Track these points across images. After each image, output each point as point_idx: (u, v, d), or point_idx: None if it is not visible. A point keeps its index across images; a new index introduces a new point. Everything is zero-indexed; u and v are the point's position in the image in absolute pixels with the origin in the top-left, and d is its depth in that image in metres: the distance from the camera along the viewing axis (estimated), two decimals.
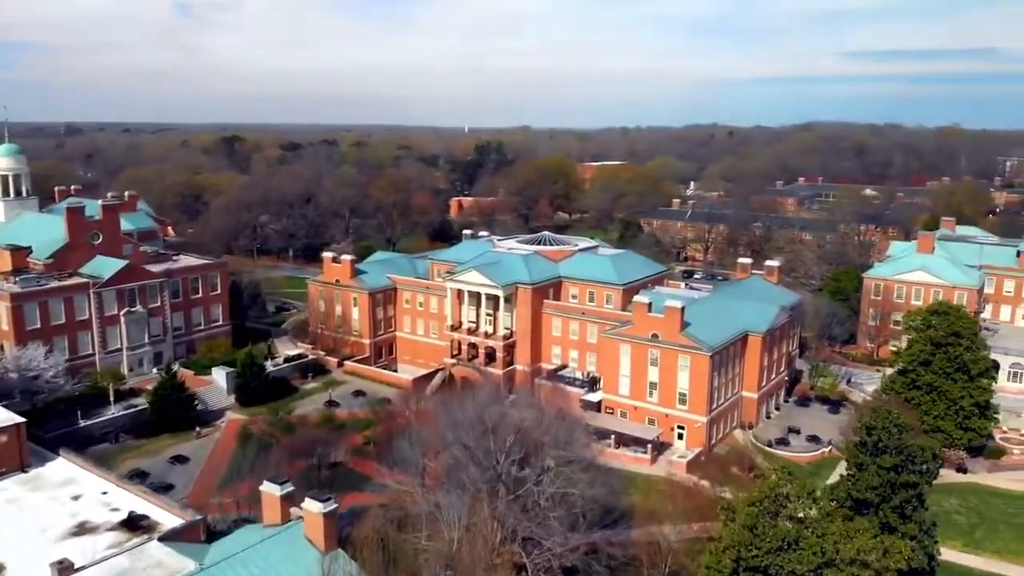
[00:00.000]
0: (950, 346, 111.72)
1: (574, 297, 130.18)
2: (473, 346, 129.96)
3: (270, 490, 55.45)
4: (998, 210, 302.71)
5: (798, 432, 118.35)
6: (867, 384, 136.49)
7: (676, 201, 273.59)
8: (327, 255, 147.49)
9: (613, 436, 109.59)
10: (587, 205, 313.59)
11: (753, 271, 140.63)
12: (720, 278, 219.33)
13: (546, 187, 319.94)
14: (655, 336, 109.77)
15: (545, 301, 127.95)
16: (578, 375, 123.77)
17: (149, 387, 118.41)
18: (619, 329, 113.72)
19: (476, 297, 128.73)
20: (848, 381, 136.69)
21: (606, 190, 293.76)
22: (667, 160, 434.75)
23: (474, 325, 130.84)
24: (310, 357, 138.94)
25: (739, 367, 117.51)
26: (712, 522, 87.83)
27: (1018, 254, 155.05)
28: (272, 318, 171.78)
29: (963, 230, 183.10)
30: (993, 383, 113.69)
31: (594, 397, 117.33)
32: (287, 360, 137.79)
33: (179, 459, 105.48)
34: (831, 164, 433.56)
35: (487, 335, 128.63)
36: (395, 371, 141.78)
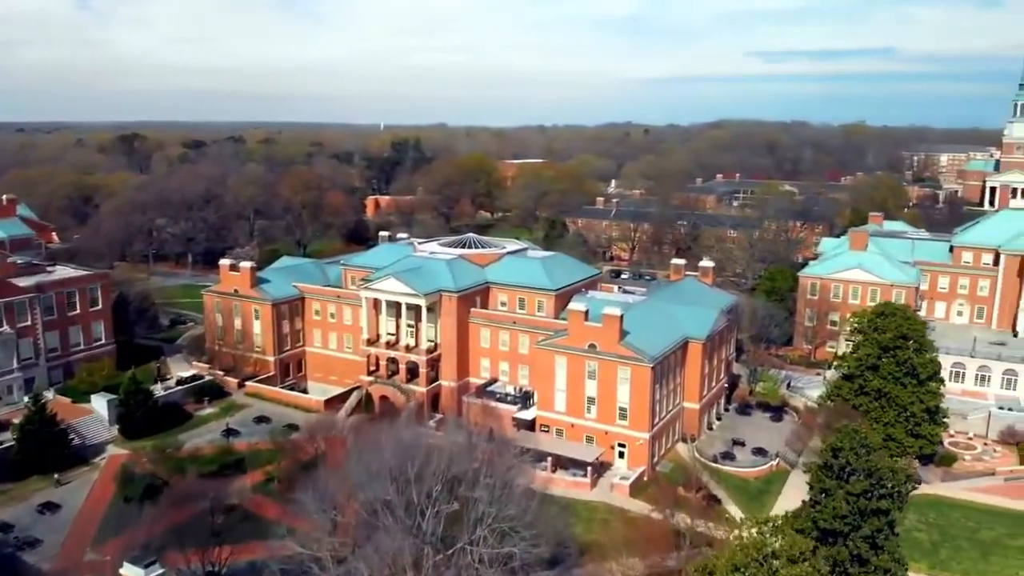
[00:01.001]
0: (898, 349, 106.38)
1: (503, 304, 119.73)
2: (393, 361, 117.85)
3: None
4: (911, 204, 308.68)
5: (743, 444, 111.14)
6: (808, 388, 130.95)
7: (600, 200, 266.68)
8: (224, 262, 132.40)
9: (550, 459, 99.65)
10: (510, 204, 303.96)
11: (687, 272, 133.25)
12: (647, 277, 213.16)
13: (467, 185, 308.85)
14: (592, 347, 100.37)
15: (472, 310, 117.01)
16: (509, 390, 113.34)
17: (18, 420, 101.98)
18: (554, 339, 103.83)
19: (395, 307, 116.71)
20: (788, 385, 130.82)
21: (528, 188, 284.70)
22: (587, 158, 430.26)
23: (393, 338, 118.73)
24: (207, 378, 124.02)
25: (680, 377, 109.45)
26: (663, 555, 79.30)
27: (951, 249, 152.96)
28: (166, 333, 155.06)
29: (890, 225, 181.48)
30: (942, 386, 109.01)
31: (528, 414, 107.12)
32: (180, 382, 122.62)
33: (49, 507, 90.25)
34: (746, 161, 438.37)
35: (408, 349, 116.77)
36: (305, 391, 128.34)
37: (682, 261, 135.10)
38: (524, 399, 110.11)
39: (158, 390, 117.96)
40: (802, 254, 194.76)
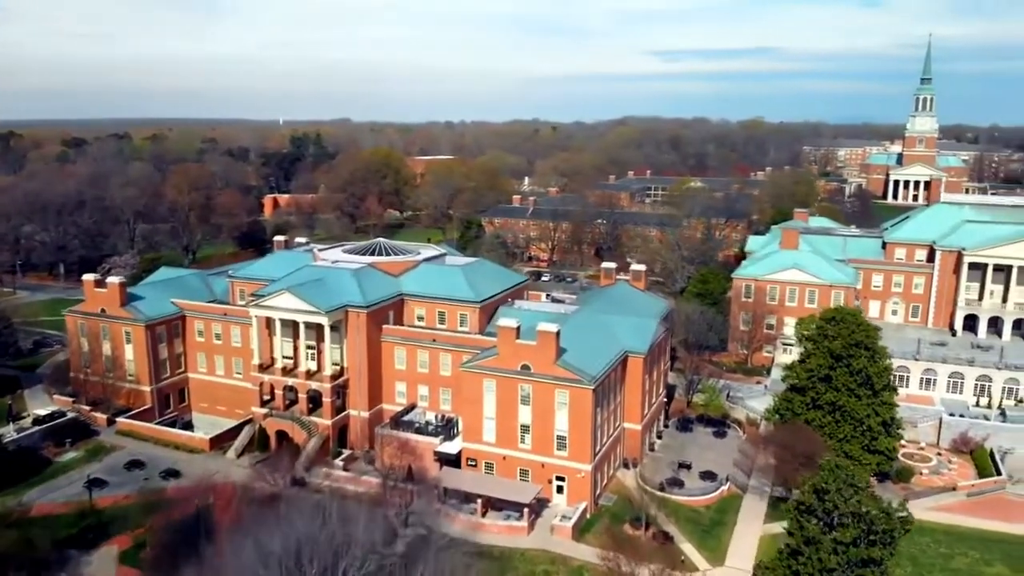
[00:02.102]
0: (852, 358, 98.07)
1: (420, 319, 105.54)
2: (291, 390, 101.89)
3: None
4: (820, 198, 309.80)
5: (689, 467, 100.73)
6: (748, 398, 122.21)
7: (516, 198, 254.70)
8: (88, 278, 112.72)
9: (480, 500, 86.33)
10: (420, 202, 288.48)
11: (618, 276, 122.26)
12: (569, 279, 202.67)
13: (373, 182, 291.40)
14: (526, 368, 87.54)
15: (384, 327, 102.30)
16: (430, 418, 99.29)
17: None
18: (481, 360, 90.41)
19: (292, 326, 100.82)
20: (727, 396, 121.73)
21: (440, 186, 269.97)
22: (498, 154, 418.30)
23: (291, 363, 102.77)
24: (70, 415, 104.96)
25: (620, 395, 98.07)
26: None
27: (883, 245, 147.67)
28: (27, 360, 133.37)
29: (814, 221, 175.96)
30: (895, 395, 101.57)
31: (452, 447, 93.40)
32: (38, 421, 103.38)
33: None
34: (653, 157, 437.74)
35: (309, 375, 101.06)
36: (189, 425, 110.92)
37: (612, 265, 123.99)
38: (447, 428, 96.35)
39: (9, 432, 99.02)
40: (724, 253, 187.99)
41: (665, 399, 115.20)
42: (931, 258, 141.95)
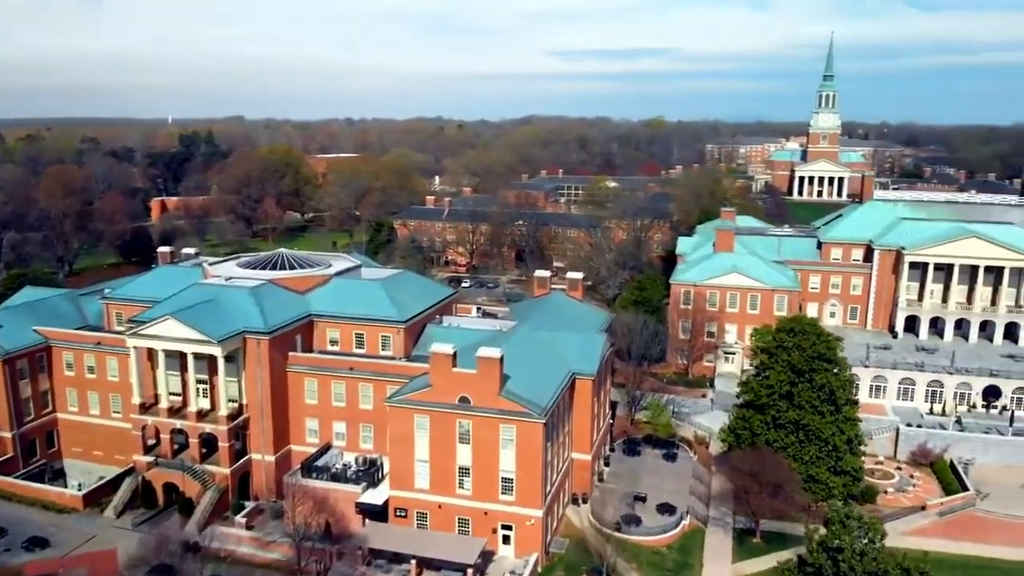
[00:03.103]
0: (814, 372, 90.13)
1: (334, 344, 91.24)
2: (180, 433, 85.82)
3: None
4: (730, 196, 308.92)
5: (644, 500, 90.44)
6: (695, 414, 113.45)
7: (430, 198, 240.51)
8: None
9: (413, 560, 73.27)
10: (324, 203, 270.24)
11: (553, 286, 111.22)
12: (491, 285, 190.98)
13: (271, 183, 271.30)
14: (465, 401, 74.94)
15: (291, 355, 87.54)
16: (349, 461, 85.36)
17: None
18: (410, 393, 77.13)
19: (179, 358, 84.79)
20: (672, 411, 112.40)
21: (346, 186, 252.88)
22: (405, 152, 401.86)
23: (179, 400, 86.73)
24: None
25: (568, 424, 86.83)
26: None
27: (819, 245, 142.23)
28: None
29: (740, 221, 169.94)
30: (856, 409, 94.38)
31: (377, 496, 79.80)
32: None
33: None
34: (562, 156, 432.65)
35: (201, 415, 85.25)
36: (59, 475, 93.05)
37: (547, 273, 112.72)
38: (370, 473, 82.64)
39: None
40: (651, 255, 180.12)
41: (610, 420, 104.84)
42: (868, 258, 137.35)
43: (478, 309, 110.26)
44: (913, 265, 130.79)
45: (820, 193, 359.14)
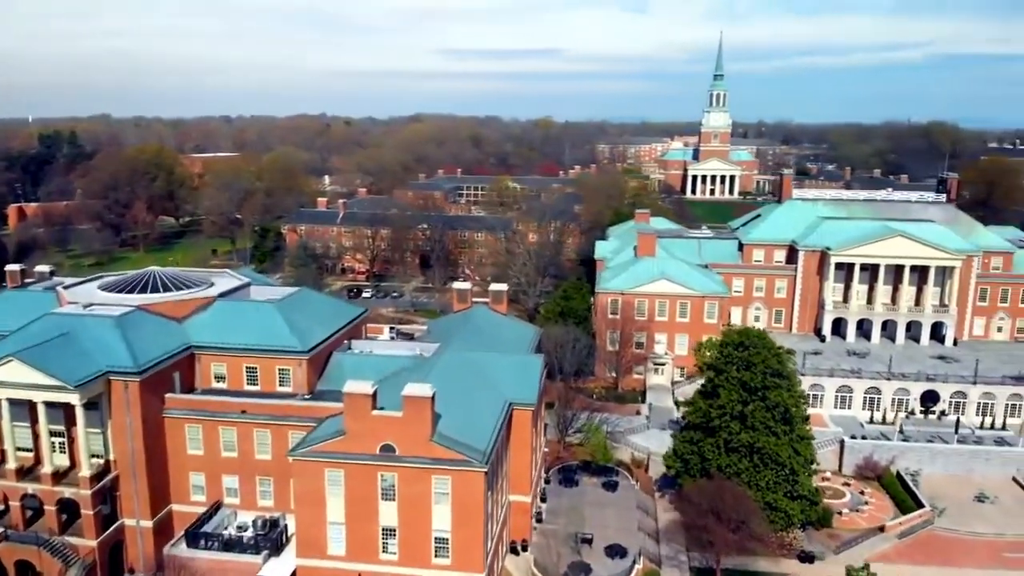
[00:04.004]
0: (768, 390, 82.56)
1: (221, 381, 76.31)
2: (33, 498, 68.95)
3: None
4: (630, 196, 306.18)
5: (590, 542, 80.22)
6: (630, 433, 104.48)
7: (321, 200, 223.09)
8: None
9: None
10: (202, 207, 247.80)
11: (475, 300, 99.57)
12: (395, 294, 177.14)
13: (141, 185, 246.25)
14: (388, 449, 62.29)
15: (167, 396, 72.16)
16: (245, 523, 70.92)
17: None
18: (320, 443, 63.70)
19: (28, 407, 68.03)
20: (607, 432, 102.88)
21: (225, 188, 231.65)
22: (289, 150, 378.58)
23: (31, 458, 69.76)
24: None
25: (505, 463, 75.51)
26: None
27: (740, 247, 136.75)
28: None
29: (654, 222, 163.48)
30: (809, 427, 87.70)
31: (282, 567, 65.88)
32: None
33: None
34: (457, 155, 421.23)
35: (59, 475, 68.67)
36: None
37: (467, 285, 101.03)
38: (272, 538, 68.57)
39: None
40: (566, 260, 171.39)
41: (544, 448, 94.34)
42: (791, 259, 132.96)
43: (391, 329, 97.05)
44: (838, 266, 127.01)
45: (713, 191, 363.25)
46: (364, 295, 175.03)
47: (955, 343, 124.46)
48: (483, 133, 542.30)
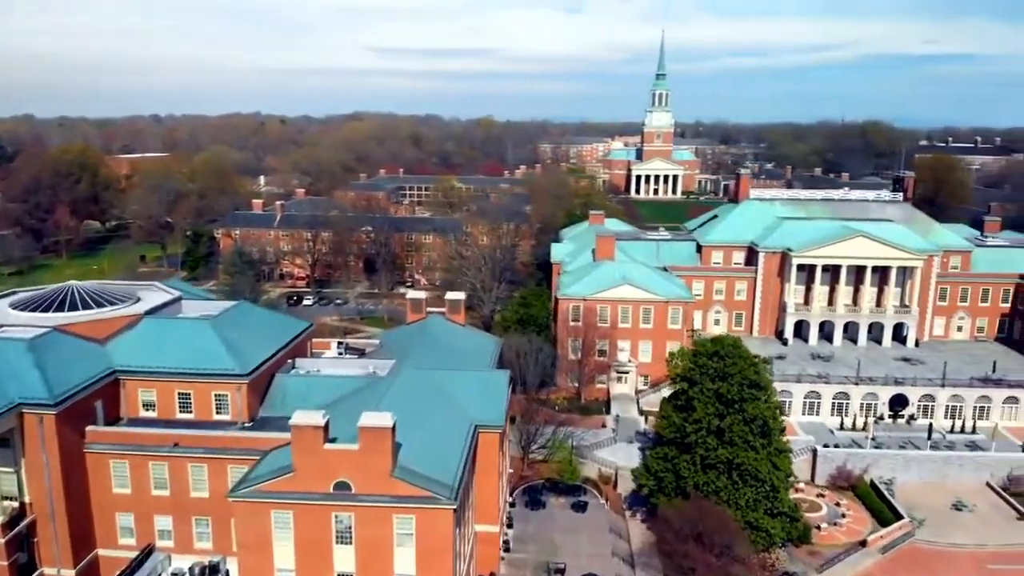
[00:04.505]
0: (745, 402, 78.26)
1: (150, 409, 67.98)
2: None
3: None
4: (577, 196, 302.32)
5: (562, 572, 74.54)
6: (596, 448, 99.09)
7: (257, 202, 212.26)
8: None
9: None
10: (130, 211, 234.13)
11: (430, 310, 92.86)
12: (338, 301, 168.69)
13: (64, 188, 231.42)
14: (343, 487, 55.31)
15: (89, 430, 63.61)
16: (181, 569, 62.94)
17: None
18: (265, 481, 56.31)
19: None
20: (572, 447, 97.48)
21: (155, 190, 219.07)
22: (222, 149, 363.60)
23: None
24: None
25: (471, 493, 69.11)
26: None
27: (698, 249, 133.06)
28: None
29: (608, 223, 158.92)
30: (786, 439, 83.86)
31: None
32: None
33: None
34: (398, 155, 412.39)
35: None
36: None
37: (421, 295, 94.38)
38: None
39: None
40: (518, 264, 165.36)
41: (509, 468, 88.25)
42: (750, 260, 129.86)
43: (339, 344, 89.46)
44: (800, 267, 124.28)
45: (656, 191, 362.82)
46: (305, 303, 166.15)
47: (917, 344, 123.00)
48: (423, 132, 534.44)
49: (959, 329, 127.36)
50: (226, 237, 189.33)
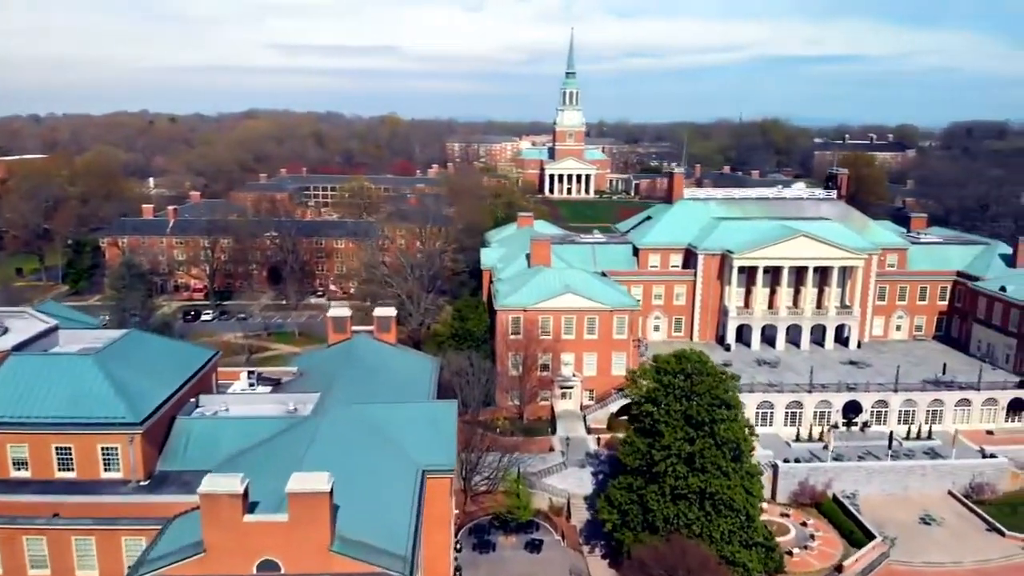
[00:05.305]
0: (716, 423, 71.19)
1: (21, 467, 54.64)
2: None
3: None
4: (495, 195, 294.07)
5: None
6: (546, 475, 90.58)
7: (147, 207, 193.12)
8: None
9: None
10: (3, 219, 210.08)
11: (355, 328, 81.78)
12: (242, 316, 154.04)
13: None
14: (270, 567, 44.27)
15: None
16: None
17: None
18: (169, 566, 44.55)
19: None
20: (518, 473, 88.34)
21: (32, 195, 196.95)
22: (107, 149, 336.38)
23: None
24: None
25: (420, 551, 58.77)
26: None
27: (635, 251, 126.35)
28: None
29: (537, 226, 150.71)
30: (757, 460, 77.55)
31: None
32: None
33: None
34: (300, 154, 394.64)
35: None
36: None
37: (345, 312, 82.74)
38: None
39: None
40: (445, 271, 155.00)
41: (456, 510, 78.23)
42: (688, 263, 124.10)
43: (250, 374, 77.08)
44: (740, 270, 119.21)
45: (570, 191, 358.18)
46: (204, 318, 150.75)
47: (859, 345, 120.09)
48: (325, 130, 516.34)
49: (898, 328, 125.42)
50: (112, 246, 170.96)
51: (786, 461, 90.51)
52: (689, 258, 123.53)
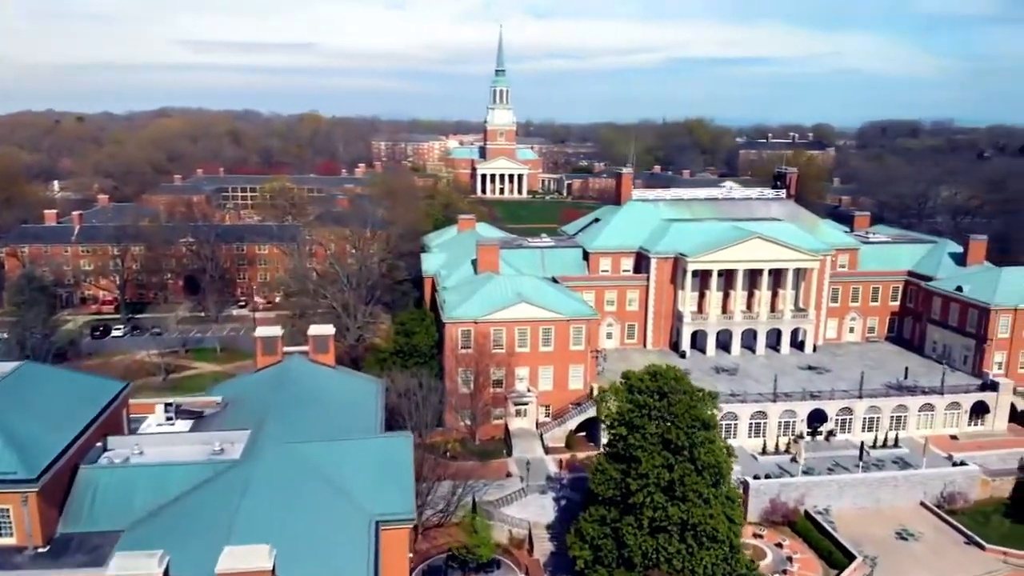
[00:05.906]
0: (696, 447, 65.32)
1: None
2: None
3: None
4: (426, 196, 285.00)
5: None
6: (504, 505, 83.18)
7: (50, 213, 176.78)
8: None
9: None
10: None
11: (287, 349, 72.75)
12: (155, 330, 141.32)
13: None
14: None
15: None
16: None
17: None
18: None
19: None
20: (473, 506, 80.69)
21: None
22: (10, 150, 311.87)
23: None
24: None
25: None
26: None
27: (585, 255, 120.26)
28: None
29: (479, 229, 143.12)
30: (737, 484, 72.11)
31: None
32: None
33: None
34: (216, 153, 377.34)
35: None
36: None
37: (276, 331, 73.39)
38: None
39: None
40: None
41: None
42: (639, 267, 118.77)
43: (167, 407, 66.94)
44: (694, 273, 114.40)
45: (502, 191, 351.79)
46: (114, 334, 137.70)
47: (815, 349, 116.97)
48: (242, 128, 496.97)
49: (851, 331, 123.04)
50: (11, 257, 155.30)
51: (756, 477, 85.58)
52: (641, 262, 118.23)
